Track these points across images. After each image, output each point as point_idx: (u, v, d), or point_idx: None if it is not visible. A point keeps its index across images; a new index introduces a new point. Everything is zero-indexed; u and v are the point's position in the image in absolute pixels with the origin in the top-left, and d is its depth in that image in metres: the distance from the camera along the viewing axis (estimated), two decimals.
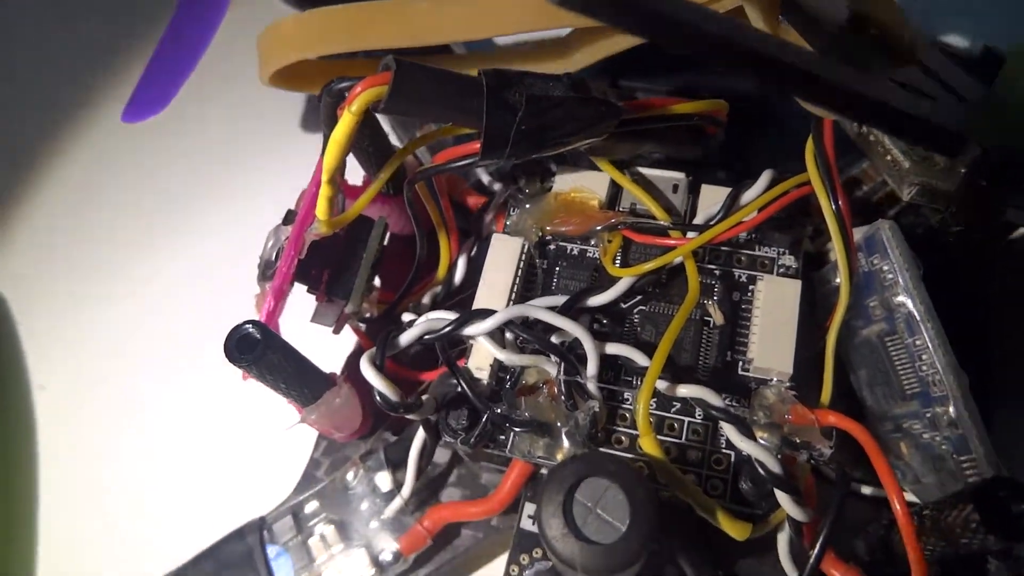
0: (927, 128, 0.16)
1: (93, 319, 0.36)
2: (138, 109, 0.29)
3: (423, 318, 0.24)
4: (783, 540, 0.22)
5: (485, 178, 0.29)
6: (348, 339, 0.28)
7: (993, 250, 0.24)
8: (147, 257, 0.37)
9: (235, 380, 0.24)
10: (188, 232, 0.38)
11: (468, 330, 0.23)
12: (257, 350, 0.22)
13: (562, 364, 0.22)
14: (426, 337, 0.23)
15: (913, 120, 0.16)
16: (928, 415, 0.22)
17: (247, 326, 0.22)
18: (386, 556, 0.26)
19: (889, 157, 0.23)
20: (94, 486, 0.33)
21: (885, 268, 0.23)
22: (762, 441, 0.21)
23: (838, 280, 0.23)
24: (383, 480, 0.26)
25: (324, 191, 0.21)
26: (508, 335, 0.23)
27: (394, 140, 0.27)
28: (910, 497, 0.22)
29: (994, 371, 0.25)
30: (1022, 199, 0.22)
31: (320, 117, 0.21)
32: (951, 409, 0.21)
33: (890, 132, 0.21)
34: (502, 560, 0.28)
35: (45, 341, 0.36)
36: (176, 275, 0.37)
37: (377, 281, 0.26)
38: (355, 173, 0.26)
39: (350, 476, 0.27)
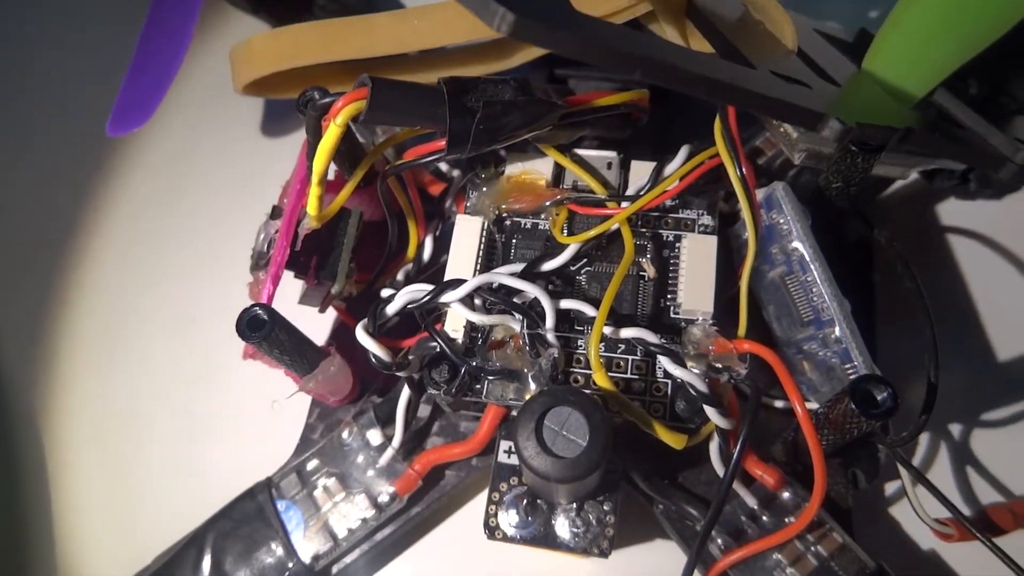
0: (797, 111, 0.21)
1: (97, 315, 0.38)
2: (122, 122, 0.31)
3: (404, 291, 0.26)
4: (714, 447, 0.25)
5: (444, 166, 0.32)
6: (319, 318, 0.30)
7: (869, 201, 0.29)
8: (141, 256, 0.39)
9: (232, 360, 0.26)
10: (178, 231, 0.39)
11: (444, 298, 0.26)
12: (265, 328, 0.25)
13: (525, 320, 0.25)
14: (409, 306, 0.26)
15: (786, 106, 0.20)
16: (820, 336, 0.26)
17: (255, 308, 0.25)
18: (384, 498, 0.28)
19: (782, 129, 0.27)
20: (109, 461, 0.34)
21: (781, 221, 0.26)
22: (692, 368, 0.24)
23: (747, 234, 0.26)
24: (374, 436, 0.29)
25: (315, 191, 0.24)
26: (477, 300, 0.26)
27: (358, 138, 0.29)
28: (812, 405, 0.26)
29: (877, 299, 0.30)
30: (886, 160, 0.27)
31: (305, 128, 0.24)
32: (836, 329, 0.25)
33: (771, 116, 0.25)
34: (482, 496, 0.32)
35: (53, 333, 0.37)
36: (169, 270, 0.38)
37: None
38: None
39: (345, 435, 0.29)
